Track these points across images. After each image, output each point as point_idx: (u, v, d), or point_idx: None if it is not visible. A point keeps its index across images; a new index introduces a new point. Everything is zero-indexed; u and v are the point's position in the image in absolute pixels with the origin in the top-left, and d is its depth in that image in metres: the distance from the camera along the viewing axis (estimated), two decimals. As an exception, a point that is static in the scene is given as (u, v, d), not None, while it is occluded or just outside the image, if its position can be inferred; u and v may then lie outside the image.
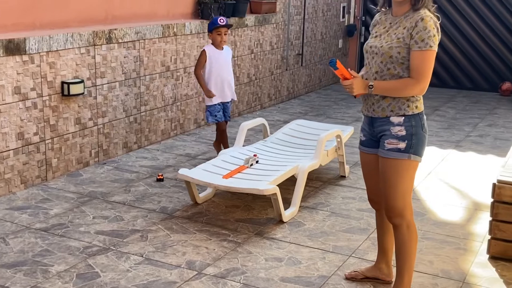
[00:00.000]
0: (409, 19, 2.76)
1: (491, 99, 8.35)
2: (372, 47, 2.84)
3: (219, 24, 4.88)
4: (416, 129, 2.78)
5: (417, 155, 2.80)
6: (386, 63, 2.78)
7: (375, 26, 2.94)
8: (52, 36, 4.42)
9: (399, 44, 2.74)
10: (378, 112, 2.83)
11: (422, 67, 2.71)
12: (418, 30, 2.70)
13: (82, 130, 4.85)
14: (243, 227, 3.91)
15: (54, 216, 3.96)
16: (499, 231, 3.33)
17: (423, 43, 2.69)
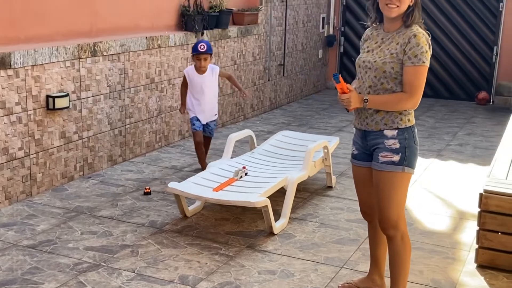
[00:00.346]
0: (401, 35, 2.81)
1: (468, 108, 8.51)
2: (365, 62, 2.89)
3: (199, 51, 4.98)
4: (409, 141, 2.84)
5: (410, 167, 2.85)
6: (380, 78, 2.83)
7: (366, 41, 2.99)
8: (37, 50, 4.38)
9: (392, 59, 2.79)
10: (372, 125, 2.88)
11: (415, 82, 2.77)
12: (411, 46, 2.75)
13: (67, 144, 4.81)
14: (234, 240, 3.91)
15: (41, 233, 3.90)
16: (486, 240, 3.40)
17: (416, 58, 2.75)
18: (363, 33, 3.07)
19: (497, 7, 8.61)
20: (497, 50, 8.69)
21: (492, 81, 8.83)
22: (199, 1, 6.30)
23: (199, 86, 5.10)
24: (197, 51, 4.99)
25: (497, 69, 8.75)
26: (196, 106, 5.16)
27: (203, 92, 5.12)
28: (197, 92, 5.12)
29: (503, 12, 8.56)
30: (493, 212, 3.32)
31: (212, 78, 5.16)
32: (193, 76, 5.09)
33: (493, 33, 8.70)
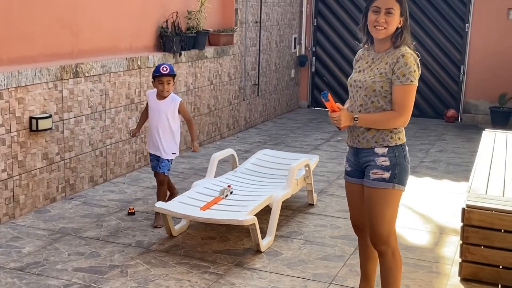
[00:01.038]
0: (390, 55, 2.93)
1: (438, 126, 8.77)
2: (356, 81, 3.00)
3: (161, 72, 4.39)
4: (400, 159, 2.94)
5: (401, 184, 2.95)
6: (370, 97, 2.94)
7: (358, 61, 3.11)
8: (21, 71, 4.38)
9: (382, 78, 2.90)
10: (363, 143, 2.98)
11: (404, 101, 2.88)
12: (399, 66, 2.86)
13: (49, 165, 4.78)
14: (222, 258, 3.95)
15: (28, 255, 3.87)
16: (469, 254, 3.52)
17: (404, 78, 2.86)
18: (355, 54, 3.18)
19: (463, 27, 8.95)
20: (464, 69, 9.01)
21: (460, 99, 9.13)
22: (177, 23, 6.38)
23: (155, 113, 4.49)
24: (159, 73, 4.40)
25: (464, 88, 9.06)
26: (149, 135, 4.61)
27: (158, 121, 4.47)
28: (152, 119, 4.52)
29: (469, 32, 8.90)
30: (476, 226, 3.46)
31: (170, 107, 4.48)
32: (151, 100, 4.51)
33: (460, 52, 9.02)
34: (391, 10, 2.88)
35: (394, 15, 2.89)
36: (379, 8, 2.89)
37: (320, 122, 8.89)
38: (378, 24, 2.89)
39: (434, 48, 9.14)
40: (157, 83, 4.44)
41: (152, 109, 4.52)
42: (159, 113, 4.47)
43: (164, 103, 4.47)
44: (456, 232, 4.42)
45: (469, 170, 5.78)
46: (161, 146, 4.48)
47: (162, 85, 4.43)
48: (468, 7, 8.86)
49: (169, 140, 4.51)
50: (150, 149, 4.58)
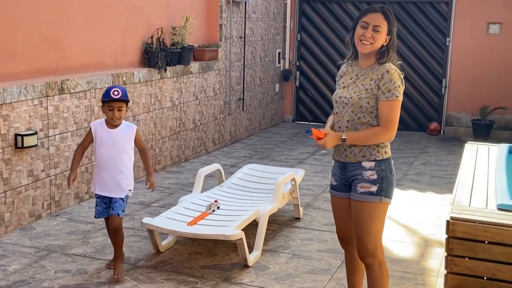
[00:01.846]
0: (375, 71, 2.98)
1: (421, 139, 8.88)
2: (342, 97, 3.04)
3: (111, 97, 3.75)
4: (386, 173, 2.99)
5: (388, 197, 3.00)
6: (357, 113, 2.98)
7: (342, 77, 3.15)
8: (6, 88, 4.37)
9: (367, 94, 2.95)
10: (351, 157, 3.02)
11: (389, 116, 2.93)
12: (384, 82, 2.92)
13: (35, 182, 4.76)
14: (210, 274, 3.95)
15: (13, 273, 3.84)
16: (454, 265, 3.56)
17: (390, 93, 2.92)
18: (339, 70, 3.22)
19: (444, 41, 9.10)
20: (445, 83, 9.16)
21: (442, 112, 9.26)
22: (162, 38, 6.41)
23: (107, 144, 3.82)
24: (109, 98, 3.75)
25: (446, 101, 9.20)
26: (96, 175, 3.88)
27: (111, 154, 3.82)
28: (103, 153, 3.83)
29: (450, 46, 9.05)
30: (460, 238, 3.50)
31: (127, 136, 3.86)
32: (101, 131, 3.84)
33: (441, 66, 9.17)
34: (378, 28, 2.94)
35: (381, 32, 2.95)
36: (367, 23, 2.95)
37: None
38: (365, 38, 2.95)
39: (416, 62, 9.28)
40: (107, 109, 3.79)
41: (103, 141, 3.82)
42: (114, 144, 3.82)
43: (119, 131, 3.84)
44: (440, 244, 4.47)
45: (452, 182, 5.86)
46: (116, 183, 3.81)
47: (112, 112, 3.78)
48: (448, 22, 9.02)
49: (126, 175, 3.86)
50: (98, 190, 3.85)
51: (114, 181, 3.83)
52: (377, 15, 2.95)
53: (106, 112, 3.82)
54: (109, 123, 3.86)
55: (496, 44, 8.79)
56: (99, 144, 3.85)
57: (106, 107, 3.81)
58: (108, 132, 3.84)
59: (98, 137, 3.85)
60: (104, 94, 3.81)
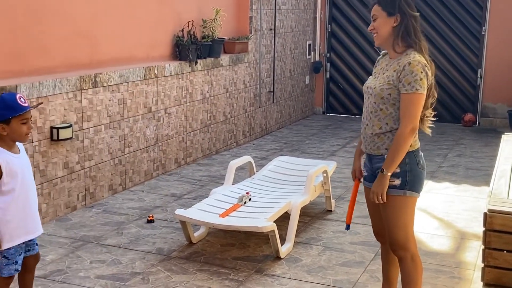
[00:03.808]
0: (399, 61, 2.92)
1: (455, 130, 8.71)
2: (368, 87, 3.02)
3: (23, 107, 2.83)
4: (411, 166, 2.89)
5: (414, 191, 2.91)
6: (379, 104, 2.92)
7: (375, 67, 3.13)
8: (42, 82, 4.44)
9: (389, 86, 2.89)
10: (374, 150, 2.97)
11: (407, 110, 2.82)
12: (405, 74, 2.83)
13: (70, 174, 4.83)
14: (242, 265, 3.96)
15: (51, 263, 3.91)
16: (492, 258, 3.50)
17: (410, 86, 2.82)
18: (371, 60, 3.21)
19: (479, 30, 8.90)
20: (481, 73, 8.96)
21: (477, 103, 9.07)
22: (193, 31, 6.43)
23: (20, 176, 2.86)
24: (22, 109, 2.82)
25: (481, 91, 9.01)
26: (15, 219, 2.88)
27: (26, 185, 2.92)
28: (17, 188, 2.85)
29: (485, 35, 8.85)
30: (498, 231, 3.43)
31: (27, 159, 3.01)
32: (12, 159, 2.84)
33: (477, 56, 8.97)
34: (374, 17, 2.98)
35: (378, 19, 2.95)
36: (371, 17, 3.01)
37: (336, 128, 8.88)
38: (371, 32, 2.99)
39: (451, 52, 9.10)
40: (19, 124, 2.82)
41: (14, 174, 2.84)
42: (25, 172, 2.91)
43: (23, 155, 2.96)
44: (477, 237, 4.39)
45: (488, 174, 5.75)
46: (36, 219, 3.02)
47: (27, 125, 2.86)
48: (484, 10, 8.82)
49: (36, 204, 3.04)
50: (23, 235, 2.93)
51: (34, 218, 3.00)
52: (374, 6, 2.98)
53: (18, 129, 2.81)
54: (11, 147, 2.86)
55: (533, 32, 8.55)
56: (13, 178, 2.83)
57: (17, 122, 2.81)
58: (17, 160, 2.86)
59: (10, 167, 2.82)
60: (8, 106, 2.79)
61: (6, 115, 2.79)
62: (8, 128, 2.81)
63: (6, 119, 2.80)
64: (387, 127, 2.92)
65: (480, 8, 8.86)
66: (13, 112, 2.80)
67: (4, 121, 2.80)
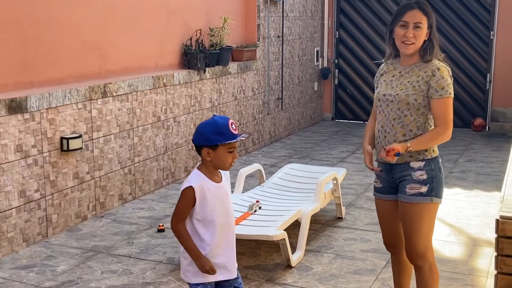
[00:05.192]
0: (423, 68, 2.92)
1: (465, 135, 8.67)
2: (386, 95, 2.98)
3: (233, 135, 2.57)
4: (436, 172, 2.91)
5: (438, 197, 2.93)
6: (403, 110, 2.92)
7: (382, 75, 3.10)
8: (52, 93, 4.47)
9: (415, 91, 2.89)
10: (398, 159, 2.94)
11: (446, 113, 2.88)
12: (436, 79, 2.86)
13: (80, 184, 4.85)
14: (253, 274, 3.95)
15: (62, 273, 3.92)
16: (505, 265, 3.44)
17: (443, 90, 2.86)
18: (378, 69, 3.18)
19: (488, 35, 8.87)
20: (490, 77, 8.92)
21: (487, 108, 9.02)
22: (201, 40, 6.45)
23: (217, 205, 2.62)
24: (232, 137, 2.56)
25: (491, 96, 8.96)
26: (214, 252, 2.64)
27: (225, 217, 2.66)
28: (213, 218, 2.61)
29: (494, 40, 8.81)
30: (510, 237, 3.39)
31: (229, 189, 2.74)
32: (205, 188, 2.60)
33: (486, 60, 8.93)
34: (420, 24, 2.89)
35: (422, 29, 2.89)
36: (407, 22, 2.89)
37: (345, 134, 8.86)
38: (407, 39, 2.89)
39: (459, 57, 9.07)
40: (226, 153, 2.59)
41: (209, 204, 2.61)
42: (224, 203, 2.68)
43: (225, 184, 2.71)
44: (489, 244, 4.35)
45: (499, 179, 5.71)
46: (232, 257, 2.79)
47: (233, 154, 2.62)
48: (492, 15, 8.78)
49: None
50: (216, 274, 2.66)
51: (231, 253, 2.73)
52: (416, 12, 2.90)
53: (221, 156, 2.59)
54: (213, 174, 2.64)
55: (542, 36, 8.51)
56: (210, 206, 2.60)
57: (223, 149, 2.57)
58: (218, 188, 2.64)
59: (205, 197, 2.59)
60: (219, 131, 2.55)
61: (215, 140, 2.56)
62: (214, 154, 2.57)
63: (214, 144, 2.57)
64: (411, 134, 2.92)
65: (488, 12, 8.83)
66: (223, 138, 2.56)
67: (211, 146, 2.57)
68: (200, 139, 2.59)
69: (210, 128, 2.57)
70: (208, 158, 2.59)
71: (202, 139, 2.58)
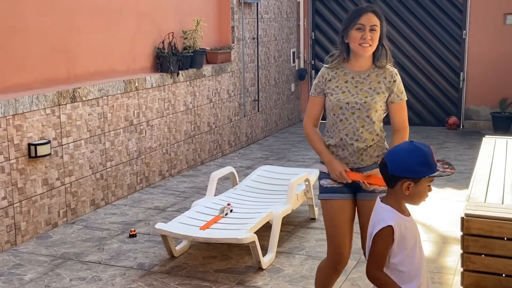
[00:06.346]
0: (380, 74, 2.96)
1: (440, 133, 8.74)
2: (351, 103, 2.93)
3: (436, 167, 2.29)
4: None
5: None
6: (372, 117, 2.94)
7: (330, 81, 2.99)
8: (18, 99, 4.42)
9: (380, 98, 2.95)
10: (365, 161, 2.97)
11: (406, 117, 3.03)
12: (397, 84, 2.97)
13: (50, 190, 4.80)
14: (223, 278, 3.93)
15: (29, 282, 3.87)
16: (470, 263, 3.48)
17: (403, 95, 2.99)
18: (319, 75, 3.04)
19: (460, 34, 8.95)
20: (463, 76, 9.00)
21: (461, 106, 9.11)
22: (173, 43, 6.42)
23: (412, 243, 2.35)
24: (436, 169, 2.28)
25: (465, 94, 9.05)
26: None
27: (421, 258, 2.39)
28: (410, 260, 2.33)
29: (466, 39, 8.90)
30: (475, 235, 3.42)
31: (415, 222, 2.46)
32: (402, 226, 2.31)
33: (459, 59, 9.02)
34: (375, 27, 2.92)
35: (377, 32, 2.93)
36: (363, 25, 2.90)
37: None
38: (365, 41, 2.90)
39: (433, 56, 9.15)
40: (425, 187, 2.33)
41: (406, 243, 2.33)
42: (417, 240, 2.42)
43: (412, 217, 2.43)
44: (458, 242, 4.36)
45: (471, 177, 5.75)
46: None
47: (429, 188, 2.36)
48: (464, 14, 8.88)
49: None
50: None
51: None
52: (371, 15, 2.92)
53: (421, 191, 2.30)
54: (403, 208, 2.36)
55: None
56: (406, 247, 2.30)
57: (425, 183, 2.29)
58: (409, 222, 2.36)
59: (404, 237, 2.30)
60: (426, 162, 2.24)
61: (421, 172, 2.22)
62: (414, 189, 2.25)
63: (418, 177, 2.24)
64: (377, 137, 3.00)
65: (460, 12, 8.92)
66: (430, 171, 2.23)
67: (414, 179, 2.24)
68: (402, 170, 2.22)
69: (416, 158, 2.22)
70: (406, 192, 2.26)
71: (405, 170, 2.21)
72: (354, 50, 2.95)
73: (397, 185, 2.25)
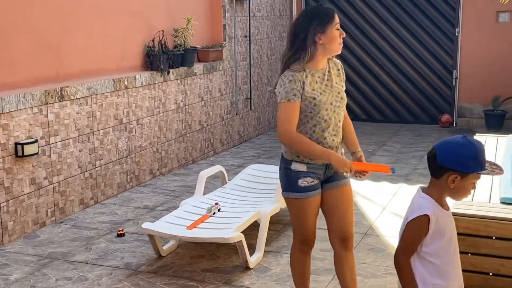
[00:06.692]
0: (332, 68, 3.06)
1: (432, 131, 8.73)
2: (333, 102, 2.99)
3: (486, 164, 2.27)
4: None
5: None
6: (343, 111, 3.11)
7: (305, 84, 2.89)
8: (4, 98, 4.39)
9: (344, 88, 3.11)
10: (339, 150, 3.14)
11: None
12: (343, 71, 3.15)
13: (38, 190, 4.77)
14: (211, 277, 3.92)
15: (14, 282, 3.85)
16: (457, 261, 3.47)
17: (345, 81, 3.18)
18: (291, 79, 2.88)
19: (453, 32, 8.94)
20: (456, 74, 8.99)
21: (453, 104, 9.10)
22: (164, 41, 6.39)
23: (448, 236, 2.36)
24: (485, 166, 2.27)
25: (457, 92, 9.04)
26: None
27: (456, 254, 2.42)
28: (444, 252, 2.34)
29: (459, 36, 8.89)
30: (462, 234, 3.41)
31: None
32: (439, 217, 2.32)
33: (452, 57, 9.00)
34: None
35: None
36: (339, 25, 3.02)
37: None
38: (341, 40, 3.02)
39: (426, 54, 9.13)
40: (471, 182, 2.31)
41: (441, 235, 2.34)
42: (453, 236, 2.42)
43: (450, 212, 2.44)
44: (447, 240, 4.37)
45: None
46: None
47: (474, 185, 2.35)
48: (457, 12, 8.86)
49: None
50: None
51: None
52: (336, 14, 3.02)
53: (466, 187, 2.29)
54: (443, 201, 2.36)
55: (506, 32, 8.60)
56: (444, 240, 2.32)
57: (472, 179, 2.27)
58: (447, 216, 2.36)
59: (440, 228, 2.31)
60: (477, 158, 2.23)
61: (471, 168, 2.21)
62: (459, 183, 2.24)
63: (466, 172, 2.23)
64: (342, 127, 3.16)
65: (453, 9, 8.90)
66: (479, 167, 2.22)
67: (462, 173, 2.22)
68: (451, 162, 2.20)
69: (467, 152, 2.20)
70: (451, 185, 2.24)
71: (455, 162, 2.20)
72: (331, 49, 2.96)
73: (443, 177, 2.24)
